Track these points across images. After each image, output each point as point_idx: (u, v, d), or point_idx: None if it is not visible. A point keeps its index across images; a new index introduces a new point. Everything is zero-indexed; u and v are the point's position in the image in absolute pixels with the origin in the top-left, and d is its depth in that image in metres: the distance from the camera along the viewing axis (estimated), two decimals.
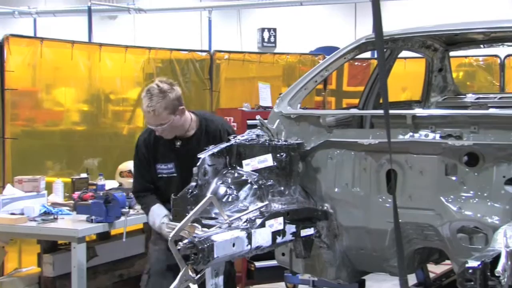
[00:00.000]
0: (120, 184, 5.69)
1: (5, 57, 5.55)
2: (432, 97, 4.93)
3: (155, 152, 4.11)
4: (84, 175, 5.69)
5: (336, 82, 8.34)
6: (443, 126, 3.45)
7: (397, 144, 3.43)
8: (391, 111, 3.16)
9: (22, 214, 4.86)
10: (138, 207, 5.16)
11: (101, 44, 6.57)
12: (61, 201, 5.35)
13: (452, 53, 4.93)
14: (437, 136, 3.45)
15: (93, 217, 4.72)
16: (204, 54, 7.58)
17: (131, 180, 5.67)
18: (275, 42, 16.09)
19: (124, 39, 11.38)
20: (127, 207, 4.98)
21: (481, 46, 4.73)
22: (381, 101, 4.29)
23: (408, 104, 4.80)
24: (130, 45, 7.16)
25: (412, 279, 4.22)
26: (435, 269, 5.22)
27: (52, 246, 5.20)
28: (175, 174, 4.07)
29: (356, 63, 8.20)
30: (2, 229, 4.79)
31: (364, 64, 8.26)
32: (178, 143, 4.07)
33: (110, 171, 5.89)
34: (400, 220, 3.03)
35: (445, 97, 4.93)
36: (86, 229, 4.68)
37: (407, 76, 7.29)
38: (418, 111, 3.81)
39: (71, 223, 4.80)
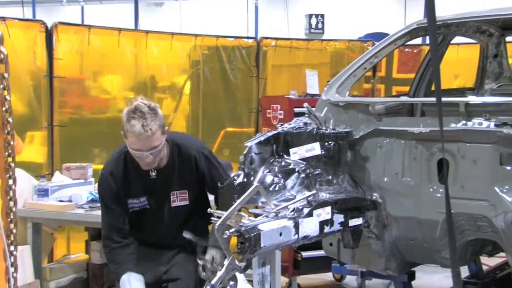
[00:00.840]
0: None
1: (53, 45, 5.59)
2: (486, 84, 4.80)
3: (127, 186, 3.67)
4: None
5: (385, 69, 8.20)
6: (497, 114, 3.35)
7: (449, 133, 3.33)
8: (443, 99, 3.08)
9: (70, 201, 4.90)
10: None
11: (147, 31, 6.58)
12: None
13: (508, 38, 4.78)
14: (492, 124, 3.34)
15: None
16: (250, 41, 7.53)
17: None
18: (323, 28, 15.97)
19: (170, 26, 11.41)
20: None
21: None
22: (432, 88, 4.19)
23: (461, 92, 4.68)
24: (176, 32, 7.15)
25: (464, 271, 4.12)
26: (488, 262, 5.10)
27: (100, 234, 5.23)
28: (148, 206, 3.73)
29: (406, 50, 8.04)
30: (51, 216, 4.84)
31: (415, 51, 8.09)
32: (153, 174, 3.64)
33: None
34: (452, 211, 2.95)
35: (500, 84, 4.79)
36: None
37: (460, 62, 7.11)
38: (472, 99, 3.71)
39: None
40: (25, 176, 4.83)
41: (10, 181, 3.29)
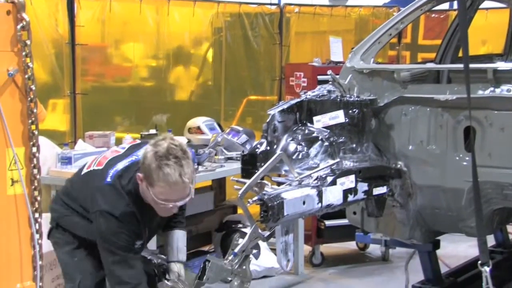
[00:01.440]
0: (189, 141, 5.69)
1: (75, 12, 5.56)
2: None
3: (138, 229, 3.20)
4: (153, 131, 5.70)
5: (411, 35, 8.08)
6: None
7: (476, 100, 3.26)
8: (471, 65, 3.02)
9: None
10: (207, 163, 5.17)
11: None
12: None
13: None
14: None
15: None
16: (273, 7, 7.44)
17: (199, 136, 5.70)
18: None
19: None
20: (196, 164, 4.96)
21: None
22: (460, 54, 4.11)
23: (489, 58, 4.59)
24: None
25: (490, 240, 4.08)
26: None
27: None
28: (142, 246, 3.30)
29: (433, 15, 7.90)
30: None
31: (442, 16, 7.94)
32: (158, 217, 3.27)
33: (178, 127, 5.88)
34: (478, 179, 2.90)
35: None
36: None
37: (488, 28, 6.97)
38: (500, 65, 3.64)
39: None
40: (48, 144, 4.84)
41: (34, 149, 3.31)
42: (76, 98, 5.57)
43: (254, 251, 3.09)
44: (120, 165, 3.27)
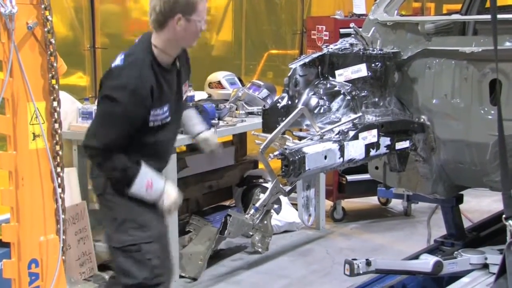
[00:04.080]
0: (209, 95, 5.67)
1: None
2: None
3: (159, 89, 3.16)
4: None
5: None
6: None
7: (503, 52, 3.18)
8: (498, 16, 2.93)
9: None
10: (228, 118, 5.14)
11: None
12: None
13: None
14: None
15: (182, 128, 4.70)
16: None
17: (220, 91, 5.66)
18: None
19: None
20: (216, 119, 4.95)
21: None
22: (487, 5, 4.01)
23: None
24: None
25: None
26: None
27: None
28: (168, 119, 3.25)
29: None
30: None
31: None
32: (178, 64, 3.31)
33: (199, 82, 5.85)
34: (504, 133, 2.85)
35: None
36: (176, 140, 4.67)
37: None
38: None
39: None
40: (68, 99, 4.84)
41: (55, 103, 3.31)
42: (96, 52, 5.54)
43: (275, 206, 3.09)
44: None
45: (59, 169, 3.35)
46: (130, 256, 3.21)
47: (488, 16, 2.99)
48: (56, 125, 3.33)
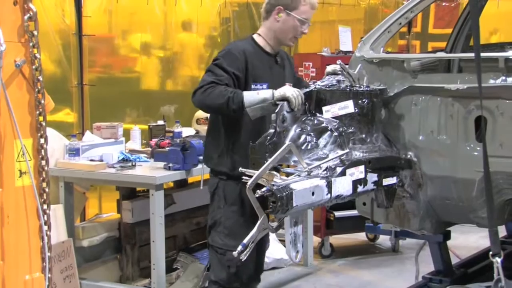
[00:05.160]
0: (197, 131, 5.67)
1: (82, 2, 5.54)
2: None
3: (255, 68, 3.69)
4: (161, 122, 5.69)
5: (421, 24, 8.03)
6: None
7: (487, 89, 3.22)
8: (482, 54, 2.97)
9: (101, 160, 4.90)
10: None
11: None
12: (139, 148, 5.38)
13: None
14: None
15: (170, 165, 4.71)
16: None
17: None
18: None
19: None
20: None
21: None
22: (471, 43, 4.06)
23: (501, 46, 4.53)
24: None
25: (501, 231, 4.05)
26: None
27: (131, 193, 5.26)
28: None
29: (443, 4, 7.83)
30: (82, 175, 4.86)
31: (453, 5, 7.88)
32: (279, 59, 3.85)
33: (186, 118, 5.87)
34: (490, 169, 2.87)
35: None
36: (163, 177, 4.68)
37: (499, 16, 6.90)
38: None
39: (149, 170, 4.81)
40: (56, 135, 4.84)
41: (42, 140, 3.28)
42: (83, 89, 5.56)
43: None
44: None
45: (45, 206, 3.32)
46: (216, 255, 3.72)
47: (472, 54, 3.03)
48: (43, 162, 3.30)
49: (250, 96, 3.49)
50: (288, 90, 3.42)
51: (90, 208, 5.70)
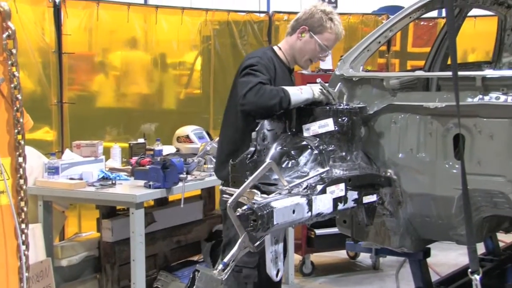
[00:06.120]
0: (178, 150, 5.67)
1: (62, 21, 5.53)
2: (504, 57, 4.70)
3: (277, 77, 3.76)
4: (141, 140, 5.68)
5: (400, 43, 8.09)
6: None
7: (465, 107, 3.25)
8: (460, 73, 3.01)
9: (81, 179, 4.87)
10: (196, 172, 5.14)
11: (157, 6, 6.49)
12: (119, 166, 5.36)
13: None
14: (509, 98, 3.25)
15: (150, 183, 4.70)
16: (262, 15, 7.44)
17: (188, 145, 5.67)
18: (336, 1, 15.71)
19: (181, 1, 11.29)
20: (184, 173, 4.94)
21: None
22: (449, 62, 4.11)
23: (478, 65, 4.60)
24: (186, 6, 7.07)
25: (480, 248, 4.07)
26: (505, 238, 5.05)
27: (111, 212, 5.23)
28: None
29: (422, 23, 7.92)
30: (61, 194, 4.82)
31: (431, 24, 7.96)
32: (293, 77, 3.97)
33: (167, 136, 5.86)
34: (468, 187, 2.89)
35: None
36: (144, 195, 4.66)
37: (476, 36, 6.99)
38: (489, 73, 3.62)
39: (129, 189, 4.79)
40: (35, 154, 4.81)
41: (20, 159, 3.26)
42: (63, 107, 5.53)
43: None
44: None
45: (23, 226, 3.29)
46: (232, 273, 3.46)
47: (450, 73, 3.06)
48: (22, 181, 3.28)
49: (295, 95, 3.48)
50: (315, 90, 3.51)
51: (70, 227, 5.66)
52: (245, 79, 3.60)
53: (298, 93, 3.49)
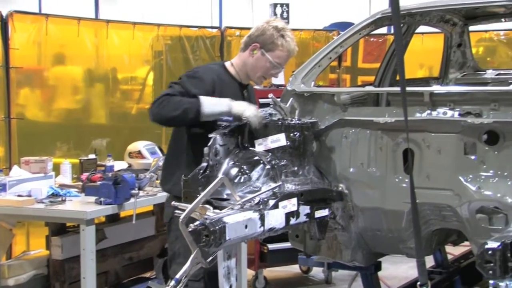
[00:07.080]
0: (129, 165, 5.61)
1: (9, 34, 5.44)
2: (451, 73, 4.82)
3: (221, 92, 3.68)
4: (92, 156, 5.60)
5: (351, 59, 8.21)
6: (462, 104, 3.34)
7: (414, 123, 3.32)
8: (408, 88, 3.06)
9: (30, 196, 4.78)
10: (148, 188, 5.09)
11: (108, 21, 6.45)
12: (69, 182, 5.27)
13: (471, 28, 4.80)
14: (456, 113, 3.34)
15: (102, 199, 4.63)
16: (214, 30, 7.46)
17: (140, 160, 5.61)
18: (288, 18, 15.84)
19: (132, 16, 11.24)
20: (136, 189, 4.89)
21: (502, 20, 4.58)
22: (397, 78, 4.18)
23: (426, 81, 4.69)
24: (138, 21, 7.02)
25: (429, 261, 4.14)
26: (453, 251, 5.13)
27: (61, 229, 5.13)
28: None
29: (371, 39, 8.06)
30: (9, 211, 4.71)
31: (380, 40, 8.11)
32: (246, 93, 3.87)
33: (118, 152, 5.80)
34: (417, 201, 2.93)
35: (464, 73, 4.82)
36: (94, 211, 4.59)
37: (424, 52, 7.15)
38: (436, 88, 3.72)
39: (80, 205, 4.72)
40: None
41: None
42: (11, 123, 5.43)
43: None
44: None
45: None
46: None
47: (399, 89, 3.11)
48: None
49: (209, 107, 3.51)
50: (248, 110, 3.52)
51: (17, 245, 5.53)
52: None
53: (212, 105, 3.53)
